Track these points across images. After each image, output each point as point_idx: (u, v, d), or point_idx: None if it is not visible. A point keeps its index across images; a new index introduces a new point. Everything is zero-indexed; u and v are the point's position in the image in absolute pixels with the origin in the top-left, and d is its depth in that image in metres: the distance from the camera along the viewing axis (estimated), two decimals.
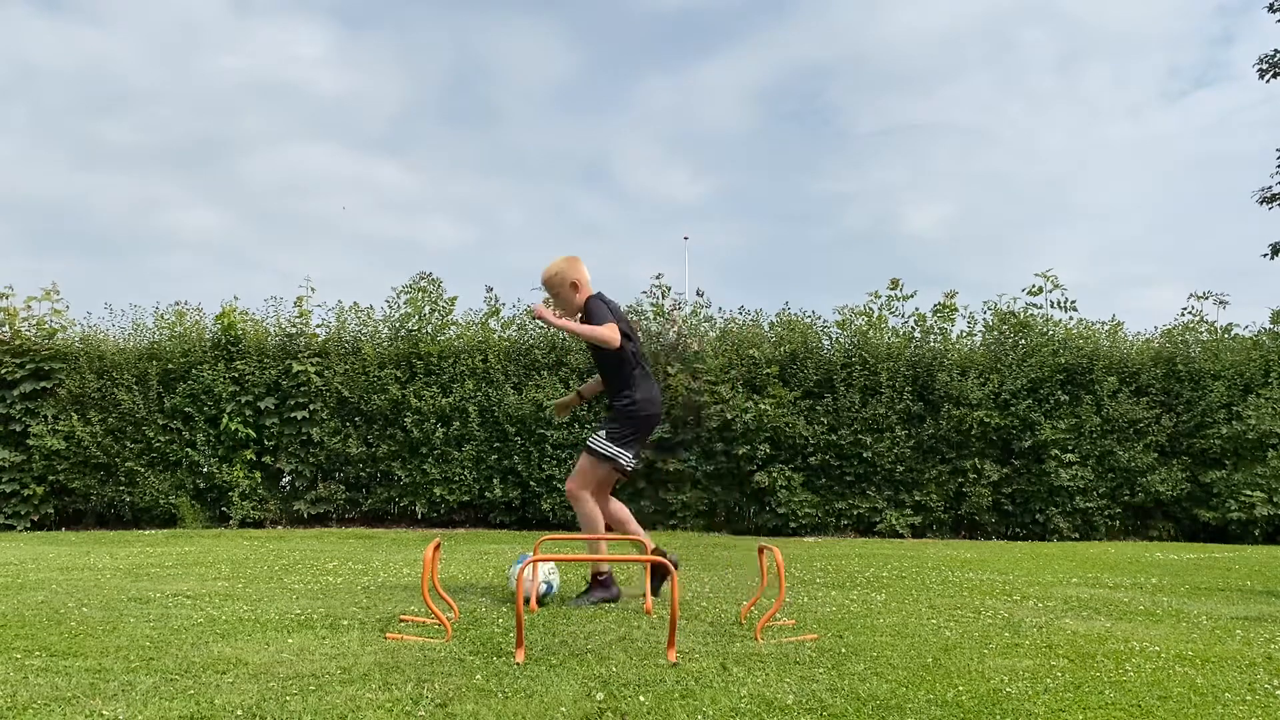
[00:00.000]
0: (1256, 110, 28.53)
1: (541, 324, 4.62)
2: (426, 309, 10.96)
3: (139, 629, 3.64)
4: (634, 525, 4.81)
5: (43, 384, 10.44)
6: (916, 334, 10.90)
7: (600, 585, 4.61)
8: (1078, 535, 10.34)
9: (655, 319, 10.94)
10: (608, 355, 4.67)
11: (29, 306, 10.78)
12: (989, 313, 11.16)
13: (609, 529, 4.73)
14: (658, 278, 11.14)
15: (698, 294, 11.32)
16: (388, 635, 3.58)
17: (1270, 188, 19.87)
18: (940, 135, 31.41)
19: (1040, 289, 11.09)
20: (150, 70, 28.16)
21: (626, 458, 4.64)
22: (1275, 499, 10.05)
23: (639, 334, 5.18)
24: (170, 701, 2.55)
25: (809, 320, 11.00)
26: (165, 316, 10.88)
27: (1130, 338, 11.17)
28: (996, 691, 2.81)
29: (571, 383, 10.42)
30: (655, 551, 4.46)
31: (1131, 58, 31.69)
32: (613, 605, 4.49)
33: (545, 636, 3.60)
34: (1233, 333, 11.20)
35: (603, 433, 4.67)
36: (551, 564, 4.50)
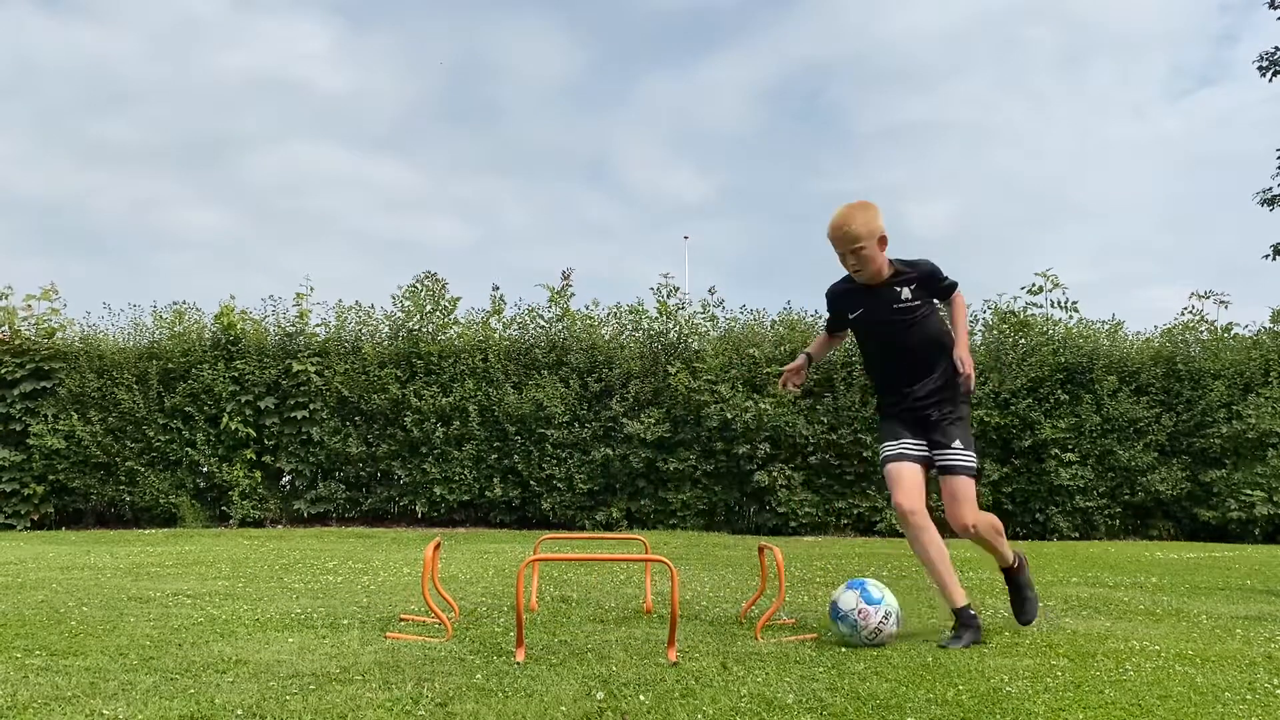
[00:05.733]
0: (1260, 109, 28.52)
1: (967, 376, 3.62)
2: (429, 307, 10.96)
3: (139, 628, 3.64)
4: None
5: (43, 383, 10.44)
6: None
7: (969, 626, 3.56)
8: (1078, 534, 10.34)
9: (660, 317, 10.96)
10: (934, 326, 3.75)
11: (28, 306, 10.79)
12: (989, 312, 11.17)
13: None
14: (667, 276, 11.17)
15: (710, 292, 11.33)
16: (388, 634, 3.58)
17: (1271, 189, 19.85)
18: (943, 133, 31.38)
19: (1040, 288, 11.09)
20: (151, 68, 28.13)
21: None
22: (1275, 498, 10.05)
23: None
24: (170, 701, 2.55)
25: (811, 320, 11.00)
26: (163, 316, 10.89)
27: (1130, 337, 11.17)
28: (996, 691, 2.81)
29: (572, 382, 10.40)
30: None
31: (1135, 56, 31.65)
32: (613, 606, 4.49)
33: (545, 636, 3.60)
34: (1233, 332, 11.20)
35: (959, 441, 3.73)
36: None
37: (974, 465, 3.74)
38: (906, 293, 3.73)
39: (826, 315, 4.07)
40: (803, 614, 4.28)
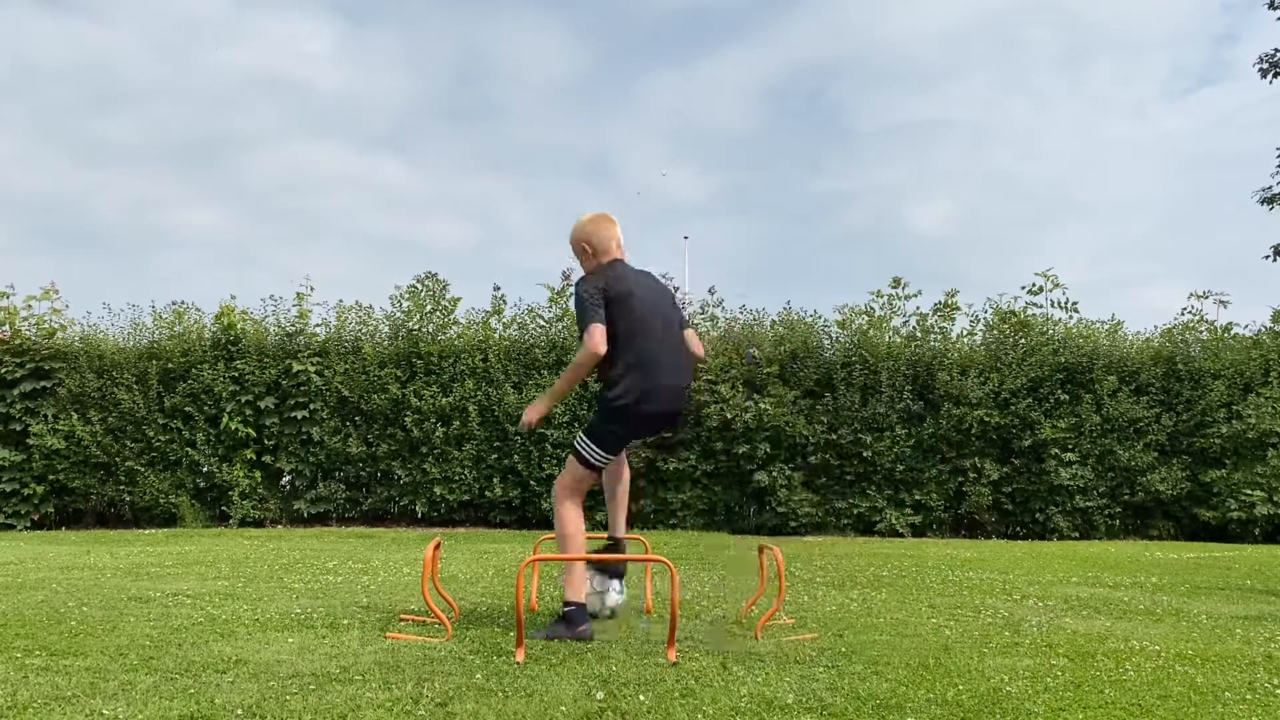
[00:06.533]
0: (1260, 109, 28.49)
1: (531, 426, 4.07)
2: (429, 307, 10.96)
3: (139, 628, 3.64)
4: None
5: (43, 383, 10.44)
6: (917, 334, 10.90)
7: (566, 621, 3.62)
8: (1078, 534, 10.34)
9: None
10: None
11: (29, 306, 10.79)
12: (989, 312, 11.17)
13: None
14: (667, 276, 11.17)
15: (710, 292, 11.33)
16: (388, 634, 3.58)
17: (1270, 188, 19.85)
18: (943, 133, 31.36)
19: (1040, 288, 11.09)
20: (151, 67, 28.13)
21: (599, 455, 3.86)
22: (1275, 498, 10.04)
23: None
24: (170, 701, 2.55)
25: (810, 319, 11.00)
26: (163, 316, 10.89)
27: (1130, 337, 11.17)
28: (996, 690, 2.81)
29: None
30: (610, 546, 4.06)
31: (1135, 56, 31.63)
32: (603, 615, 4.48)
33: None
34: (1233, 332, 11.20)
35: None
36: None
37: (577, 446, 3.88)
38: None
39: None
40: (803, 614, 4.28)
